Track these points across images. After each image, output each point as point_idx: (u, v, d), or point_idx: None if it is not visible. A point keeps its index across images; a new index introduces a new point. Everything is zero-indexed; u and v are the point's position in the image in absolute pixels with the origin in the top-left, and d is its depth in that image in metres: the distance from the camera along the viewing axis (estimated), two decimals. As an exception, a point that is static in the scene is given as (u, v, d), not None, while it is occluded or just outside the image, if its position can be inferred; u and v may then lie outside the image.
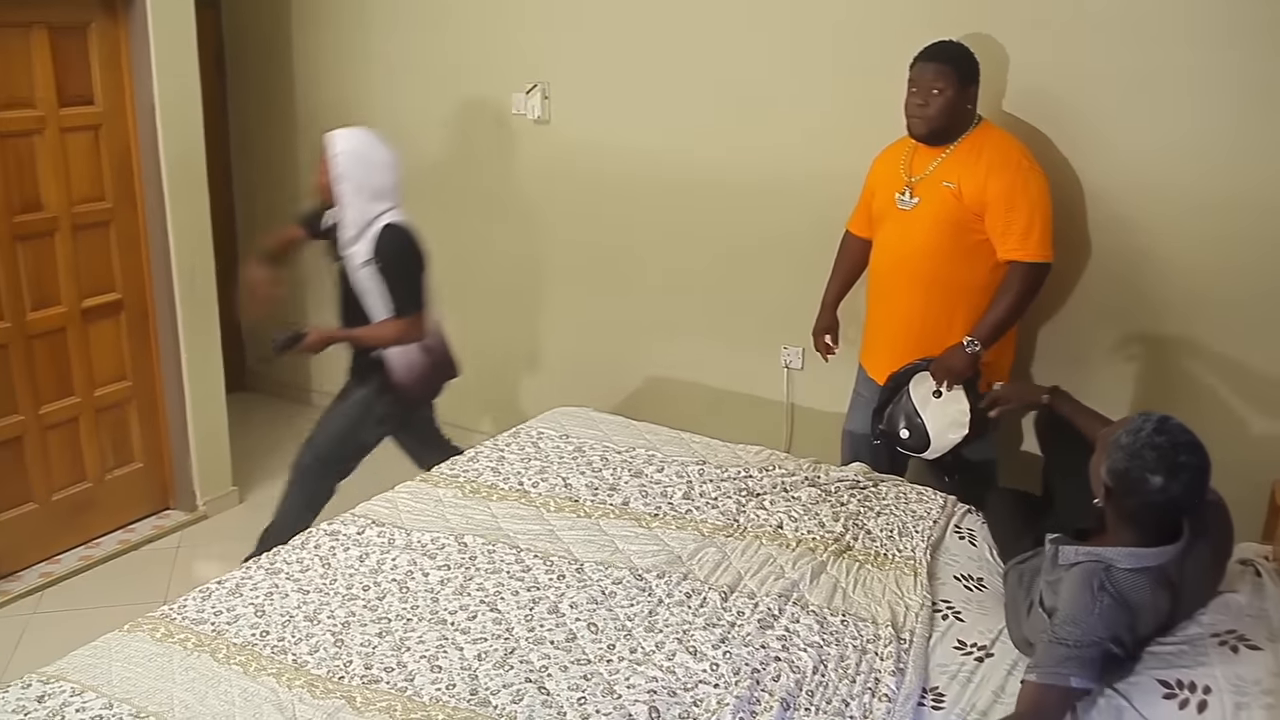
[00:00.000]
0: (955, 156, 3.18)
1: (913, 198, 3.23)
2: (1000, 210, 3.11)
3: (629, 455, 3.30)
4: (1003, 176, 3.11)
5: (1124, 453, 2.10)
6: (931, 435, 3.21)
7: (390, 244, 3.36)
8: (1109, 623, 2.07)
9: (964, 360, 3.15)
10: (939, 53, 3.14)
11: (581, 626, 2.34)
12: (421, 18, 4.67)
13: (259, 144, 5.40)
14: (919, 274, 3.24)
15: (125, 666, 2.15)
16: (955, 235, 3.18)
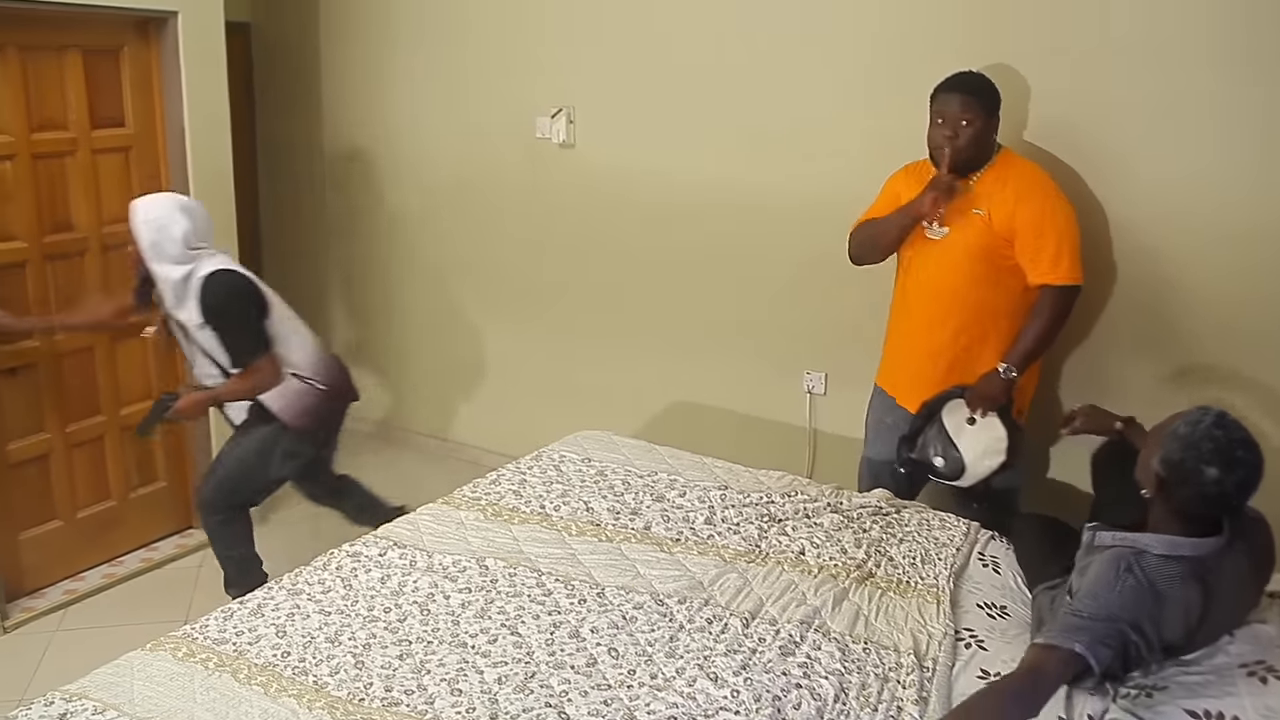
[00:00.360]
0: (982, 185, 3.19)
1: (942, 227, 3.23)
2: (1030, 236, 3.14)
3: (651, 479, 3.30)
4: (1031, 203, 3.13)
5: (1181, 443, 2.10)
6: (967, 463, 3.22)
7: (213, 297, 3.19)
8: (1129, 604, 2.06)
9: (1000, 387, 3.17)
10: (964, 84, 3.16)
11: (602, 651, 2.33)
12: (449, 40, 4.71)
13: (286, 164, 5.45)
14: (954, 302, 3.25)
15: (147, 685, 2.15)
16: (987, 262, 3.20)
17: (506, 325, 4.89)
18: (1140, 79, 3.25)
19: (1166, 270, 3.34)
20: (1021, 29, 3.42)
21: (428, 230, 5.02)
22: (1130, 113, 3.30)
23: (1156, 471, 2.14)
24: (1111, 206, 3.39)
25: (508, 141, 4.63)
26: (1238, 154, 3.16)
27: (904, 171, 3.41)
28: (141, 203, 3.23)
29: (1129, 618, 2.05)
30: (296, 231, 5.50)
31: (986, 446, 3.20)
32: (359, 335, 5.43)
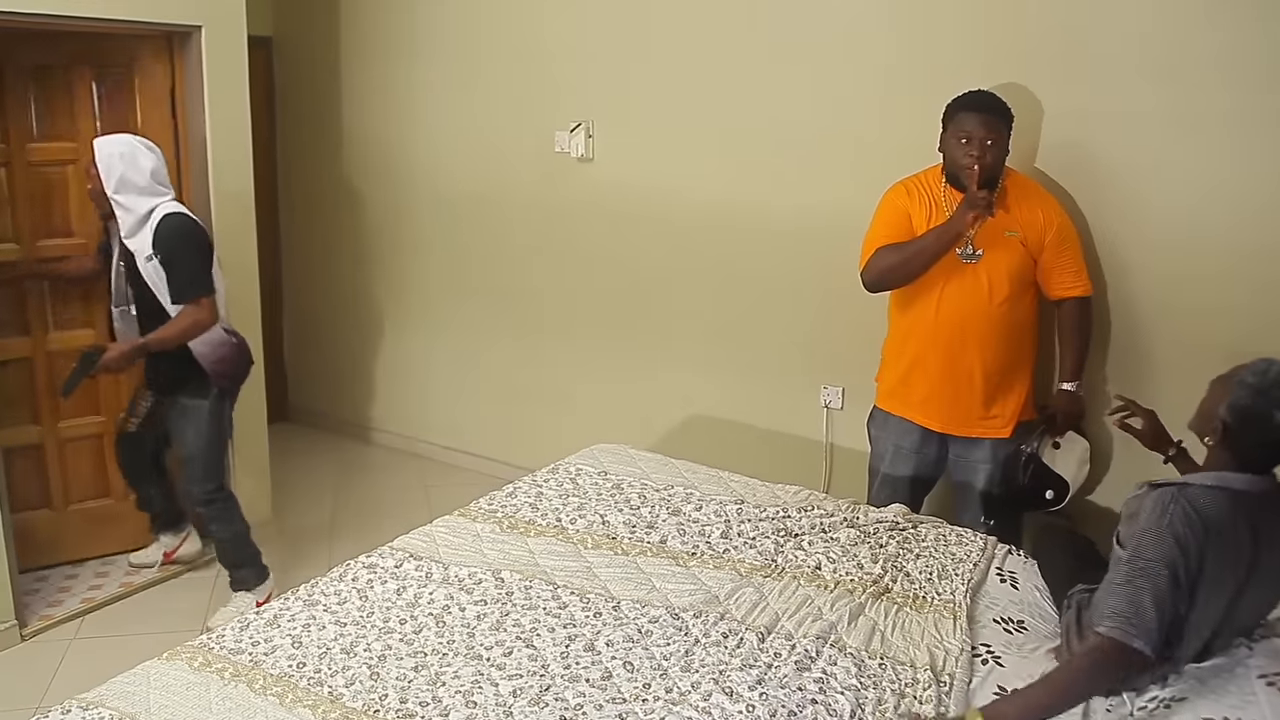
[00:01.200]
0: (1009, 205, 3.21)
1: (976, 250, 3.22)
2: (1055, 250, 3.22)
3: (667, 493, 3.30)
4: (1056, 217, 3.23)
5: (1250, 390, 2.17)
6: (1071, 483, 3.31)
7: (169, 231, 3.35)
8: (1179, 535, 2.11)
9: (1080, 405, 3.35)
10: (985, 103, 3.16)
11: (617, 665, 2.33)
12: (469, 55, 4.74)
13: (306, 178, 5.48)
14: (993, 324, 3.26)
15: (163, 695, 2.15)
16: (1022, 283, 3.26)
17: (524, 338, 4.90)
18: (1140, 95, 3.27)
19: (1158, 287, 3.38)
20: (1032, 47, 3.42)
21: (447, 243, 5.04)
22: (1133, 129, 3.33)
23: (1223, 418, 2.20)
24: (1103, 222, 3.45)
25: (527, 156, 4.65)
26: (1249, 168, 3.15)
27: (904, 188, 3.37)
28: (106, 139, 3.38)
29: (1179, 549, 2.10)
30: (316, 244, 5.53)
31: (1080, 460, 3.33)
32: (376, 347, 5.45)
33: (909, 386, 3.44)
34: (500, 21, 4.61)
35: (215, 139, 3.92)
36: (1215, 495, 2.16)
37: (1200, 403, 2.33)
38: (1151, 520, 2.15)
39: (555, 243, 4.68)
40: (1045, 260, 3.23)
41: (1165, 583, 2.09)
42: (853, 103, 3.78)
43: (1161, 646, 2.08)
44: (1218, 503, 2.15)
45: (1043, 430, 3.33)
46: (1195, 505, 2.14)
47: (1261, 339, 3.15)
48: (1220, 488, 2.18)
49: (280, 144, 5.52)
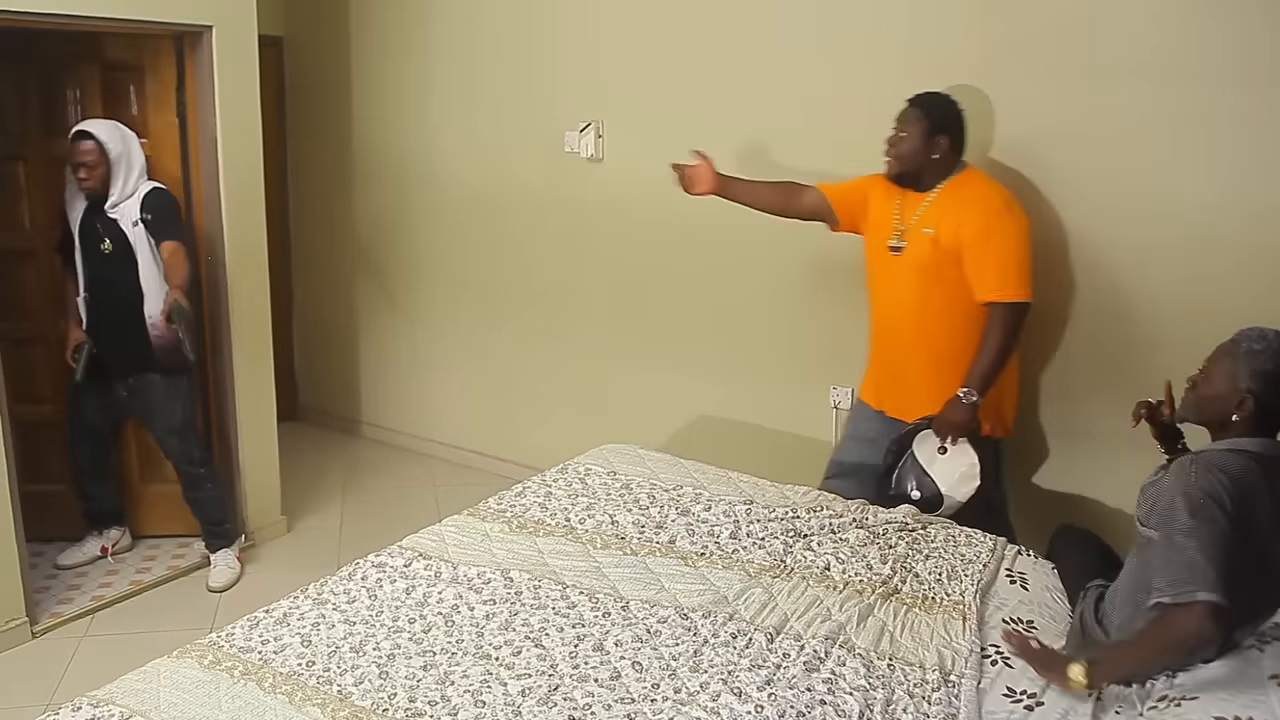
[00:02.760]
0: (936, 203, 3.29)
1: (901, 241, 3.33)
2: (975, 252, 3.20)
3: (676, 493, 3.30)
4: (976, 219, 3.20)
5: (1266, 356, 2.21)
6: (944, 492, 3.25)
7: (158, 195, 3.70)
8: (1207, 488, 2.13)
9: (964, 413, 3.20)
10: (917, 99, 3.29)
11: (626, 665, 2.33)
12: (479, 55, 4.75)
13: (316, 177, 5.49)
14: (912, 315, 3.36)
15: (173, 692, 2.16)
16: (938, 280, 3.26)
17: (534, 338, 4.90)
18: (1152, 98, 3.25)
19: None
20: (1036, 46, 3.41)
21: (456, 243, 5.05)
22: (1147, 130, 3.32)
23: (1248, 389, 2.22)
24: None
25: (536, 155, 4.65)
26: (1251, 168, 3.14)
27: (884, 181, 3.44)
28: (95, 123, 3.64)
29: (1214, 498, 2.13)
30: (326, 243, 5.54)
31: (961, 473, 3.24)
32: (385, 346, 5.46)
33: (878, 375, 3.58)
34: (510, 21, 4.62)
35: (226, 138, 3.93)
36: (1233, 456, 2.20)
37: (1194, 391, 2.35)
38: (1177, 487, 2.18)
39: (565, 243, 4.68)
40: (966, 262, 3.22)
41: (1210, 534, 2.10)
42: (864, 101, 3.77)
43: (1228, 592, 2.05)
44: (1238, 460, 2.19)
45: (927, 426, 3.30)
46: (1215, 463, 2.18)
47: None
48: (1236, 450, 2.21)
49: (290, 144, 5.53)
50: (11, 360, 3.70)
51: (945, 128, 3.26)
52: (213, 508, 4.03)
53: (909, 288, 3.33)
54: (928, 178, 3.30)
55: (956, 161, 3.31)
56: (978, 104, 3.51)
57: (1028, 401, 3.62)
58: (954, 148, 3.29)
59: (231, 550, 4.09)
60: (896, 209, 3.37)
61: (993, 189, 3.28)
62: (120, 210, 3.65)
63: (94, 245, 3.68)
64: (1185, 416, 2.41)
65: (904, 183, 3.33)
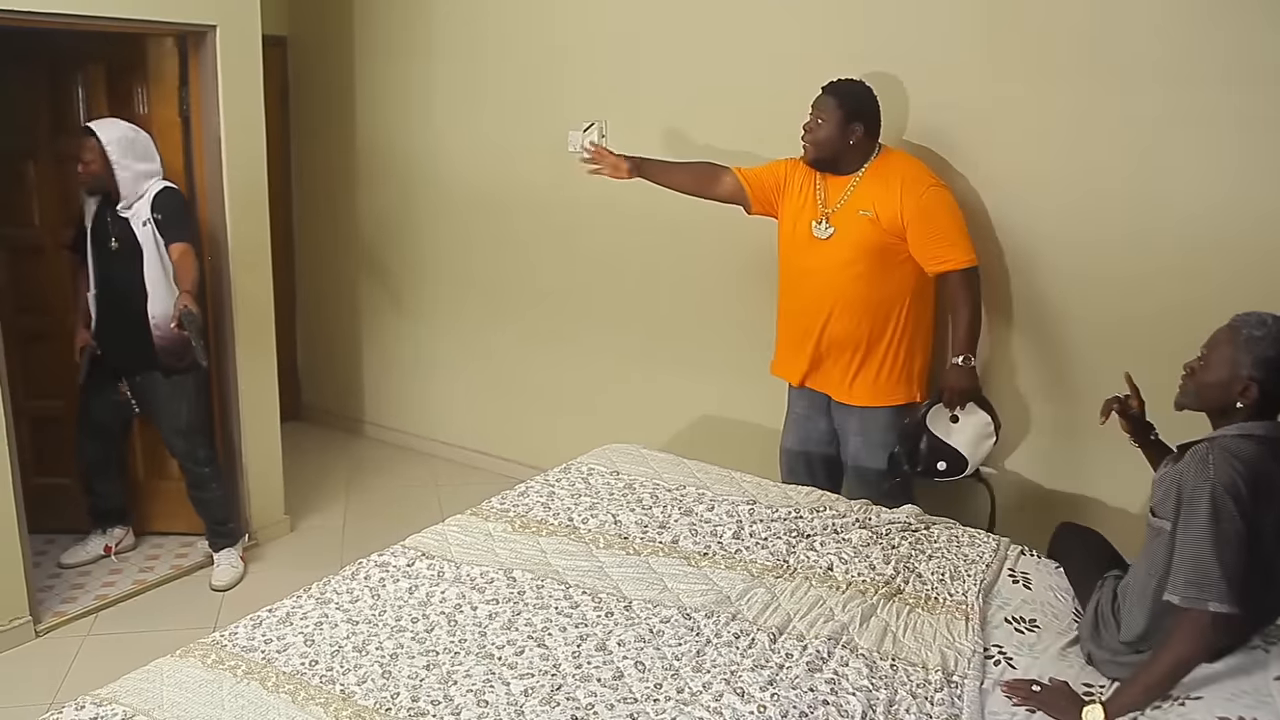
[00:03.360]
0: (864, 186, 3.40)
1: (829, 227, 3.43)
2: (918, 225, 3.32)
3: (679, 493, 3.30)
4: (914, 196, 3.33)
5: (1267, 342, 2.22)
6: (967, 455, 3.40)
7: (169, 198, 3.70)
8: (1227, 482, 2.14)
9: (967, 377, 3.37)
10: (831, 86, 3.42)
11: (629, 665, 2.33)
12: (482, 54, 4.74)
13: (320, 177, 5.50)
14: (845, 297, 3.45)
15: (176, 691, 2.16)
16: (879, 258, 3.39)
17: (537, 338, 4.90)
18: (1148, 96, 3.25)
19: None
20: (1043, 46, 3.41)
21: (459, 242, 5.05)
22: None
23: (1251, 376, 2.23)
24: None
25: (540, 155, 4.65)
26: (1254, 168, 3.14)
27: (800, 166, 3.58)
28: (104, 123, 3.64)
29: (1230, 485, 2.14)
30: (329, 242, 5.54)
31: (979, 433, 3.41)
32: (388, 346, 5.46)
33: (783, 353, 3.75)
34: (513, 21, 4.62)
35: (229, 137, 3.93)
36: (1246, 442, 2.21)
37: (1192, 379, 2.36)
38: (1199, 478, 2.18)
39: (569, 242, 4.68)
40: (911, 237, 3.35)
41: (1226, 535, 2.11)
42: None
43: (1239, 598, 2.08)
44: (1251, 447, 2.20)
45: (935, 403, 3.45)
46: (1232, 450, 2.19)
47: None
48: (1247, 435, 2.22)
49: (294, 143, 5.53)
50: (22, 355, 3.72)
51: (860, 114, 3.39)
52: (217, 507, 4.03)
53: (841, 268, 3.43)
54: (845, 163, 3.43)
55: (873, 147, 3.44)
56: (977, 104, 3.53)
57: (1028, 397, 3.64)
58: (869, 133, 3.42)
59: (235, 550, 4.10)
60: (819, 192, 3.49)
61: (915, 165, 3.45)
62: (132, 210, 3.65)
63: (103, 243, 3.69)
64: (1185, 404, 2.40)
65: (821, 167, 3.46)
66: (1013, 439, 3.67)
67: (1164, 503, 2.27)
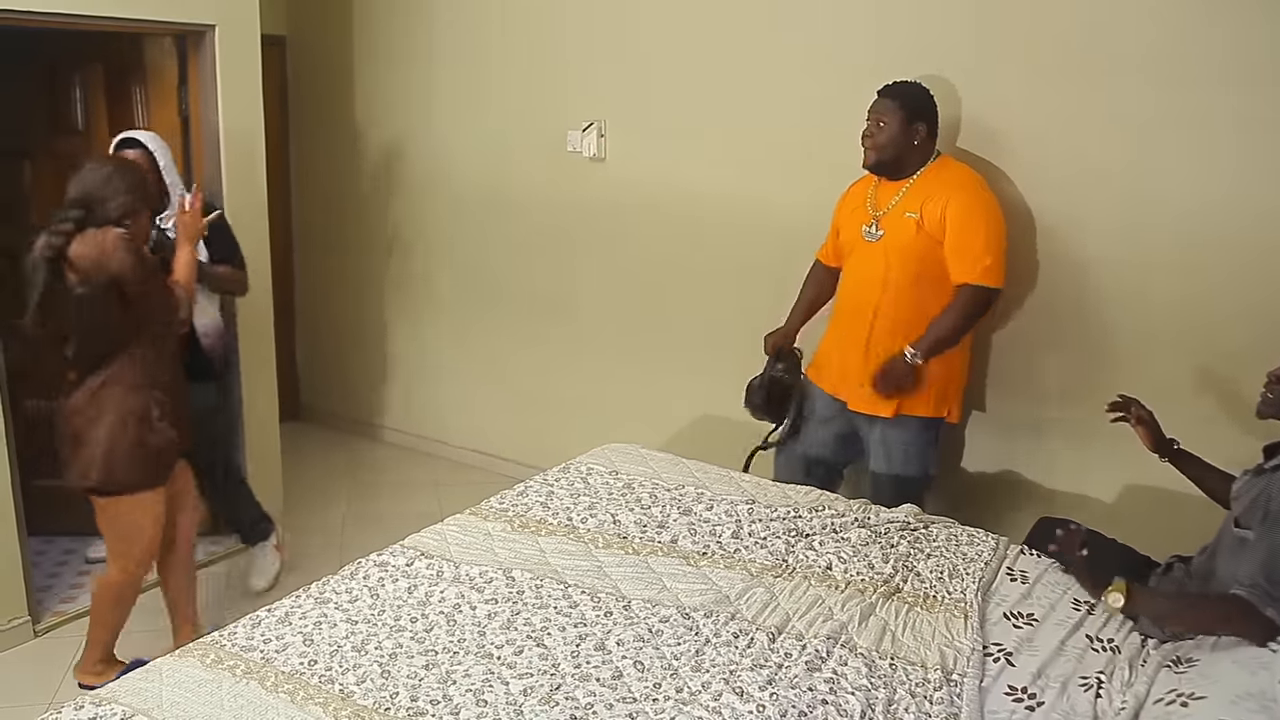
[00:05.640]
0: (915, 189, 3.36)
1: (879, 230, 3.40)
2: (955, 234, 3.28)
3: (678, 493, 3.30)
4: (959, 201, 3.28)
5: None
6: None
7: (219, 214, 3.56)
8: None
9: (901, 368, 3.35)
10: (889, 89, 3.36)
11: (628, 664, 2.33)
12: (481, 54, 4.74)
13: (320, 177, 5.50)
14: (885, 301, 3.39)
15: (175, 691, 2.16)
16: (919, 263, 3.34)
17: (536, 337, 4.90)
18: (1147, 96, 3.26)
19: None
20: (1039, 46, 3.42)
21: (458, 242, 5.05)
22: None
23: None
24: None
25: (539, 155, 4.65)
26: (1255, 168, 3.14)
27: (849, 191, 3.60)
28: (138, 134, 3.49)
29: None
30: (329, 243, 5.54)
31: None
32: (388, 346, 5.46)
33: (827, 356, 3.67)
34: (512, 21, 4.62)
35: (228, 138, 3.94)
36: None
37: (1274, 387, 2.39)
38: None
39: (567, 242, 4.68)
40: (947, 243, 3.31)
41: None
42: (863, 99, 3.77)
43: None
44: None
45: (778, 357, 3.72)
46: None
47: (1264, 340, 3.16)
48: None
49: (293, 143, 5.53)
50: (18, 355, 3.71)
51: (922, 115, 3.35)
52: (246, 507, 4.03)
53: (884, 271, 3.39)
54: (907, 165, 3.38)
55: (933, 148, 3.40)
56: (978, 107, 3.54)
57: (1029, 400, 3.65)
58: (930, 134, 3.38)
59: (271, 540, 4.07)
60: (869, 197, 3.48)
61: (971, 175, 3.38)
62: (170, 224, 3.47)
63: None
64: (1268, 413, 2.43)
65: (882, 171, 3.41)
66: (1017, 439, 3.67)
67: (1250, 513, 2.32)
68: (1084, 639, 2.49)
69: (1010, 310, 3.62)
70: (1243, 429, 3.10)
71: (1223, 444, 2.92)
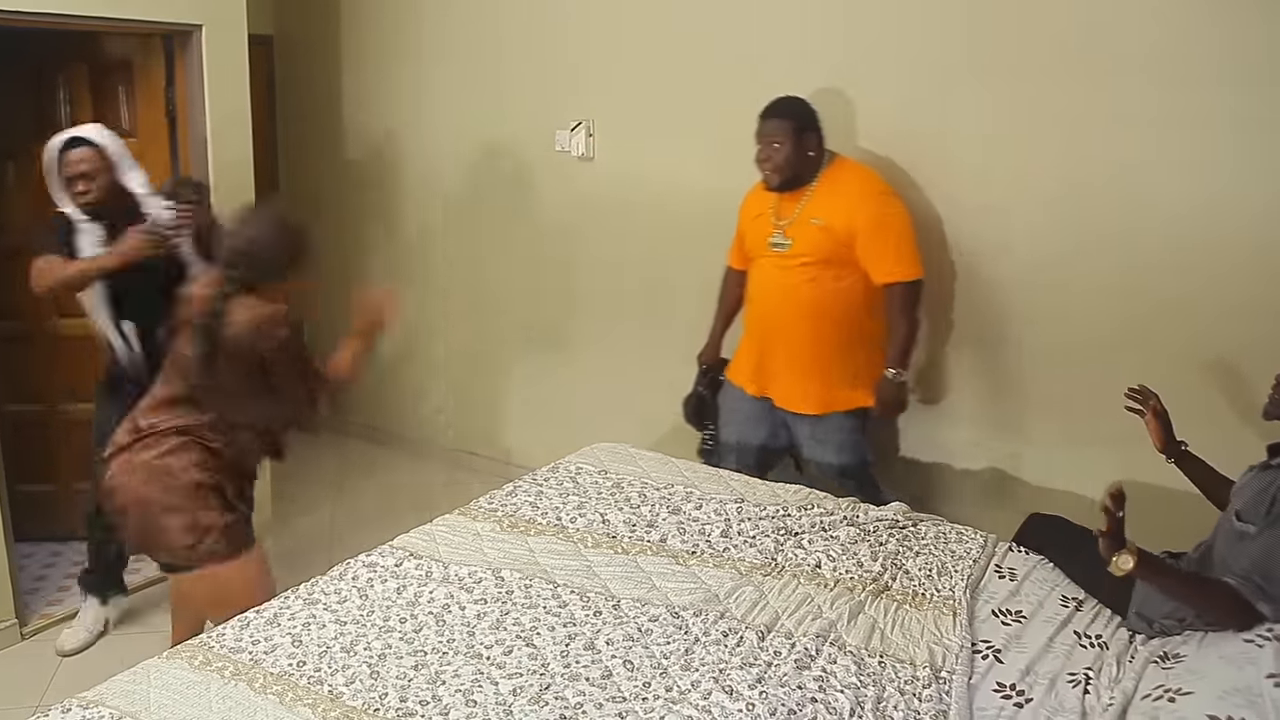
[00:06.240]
0: (818, 196, 3.44)
1: (786, 239, 3.47)
2: (870, 237, 3.37)
3: (667, 492, 3.30)
4: (867, 206, 3.39)
5: None
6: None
7: None
8: None
9: (898, 391, 3.47)
10: (774, 110, 3.46)
11: (617, 664, 2.33)
12: (469, 54, 4.74)
13: (308, 177, 5.48)
14: (803, 307, 3.49)
15: (163, 693, 2.15)
16: (827, 266, 3.43)
17: (524, 336, 4.89)
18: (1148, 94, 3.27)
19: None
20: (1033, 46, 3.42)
21: (446, 241, 5.04)
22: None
23: None
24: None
25: (528, 154, 4.65)
26: (1250, 167, 3.15)
27: (751, 197, 3.69)
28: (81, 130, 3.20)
29: None
30: (315, 242, 5.52)
31: None
32: (376, 347, 5.43)
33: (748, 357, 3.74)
34: (500, 20, 4.61)
35: (216, 139, 3.93)
36: None
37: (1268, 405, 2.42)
38: None
39: (556, 241, 4.68)
40: (860, 247, 3.40)
41: None
42: (855, 100, 3.78)
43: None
44: None
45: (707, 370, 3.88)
46: None
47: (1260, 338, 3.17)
48: None
49: (281, 143, 5.51)
50: (3, 358, 3.69)
51: (810, 125, 3.45)
52: None
53: (794, 277, 3.48)
54: (806, 176, 3.46)
55: (824, 153, 3.48)
56: (977, 105, 3.54)
57: (1019, 398, 3.64)
58: (819, 141, 3.47)
59: None
60: (773, 208, 3.54)
61: (869, 175, 3.51)
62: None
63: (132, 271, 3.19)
64: (1275, 414, 2.44)
65: (785, 188, 3.48)
66: (1015, 439, 3.69)
67: (1253, 508, 2.32)
68: (1072, 635, 2.50)
69: (1009, 310, 3.62)
70: (1236, 429, 3.13)
71: (1215, 445, 2.91)
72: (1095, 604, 2.65)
